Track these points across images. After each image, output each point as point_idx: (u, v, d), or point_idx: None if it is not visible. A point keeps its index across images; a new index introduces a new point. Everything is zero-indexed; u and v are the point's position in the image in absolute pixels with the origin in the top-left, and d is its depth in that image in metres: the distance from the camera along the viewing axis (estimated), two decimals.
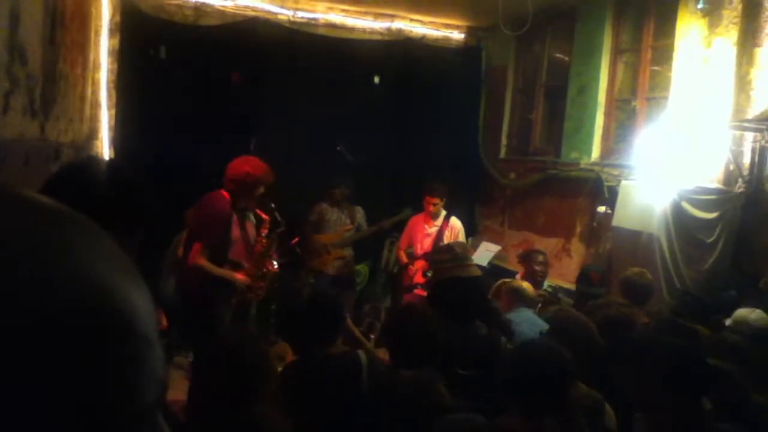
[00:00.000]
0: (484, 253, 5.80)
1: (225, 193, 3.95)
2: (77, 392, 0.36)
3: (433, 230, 5.53)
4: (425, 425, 1.99)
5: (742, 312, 3.45)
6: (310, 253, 5.70)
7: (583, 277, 4.13)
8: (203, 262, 3.80)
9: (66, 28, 4.11)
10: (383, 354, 2.92)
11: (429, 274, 5.40)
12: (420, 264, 5.48)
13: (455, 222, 5.61)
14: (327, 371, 2.37)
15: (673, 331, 2.73)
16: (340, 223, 5.71)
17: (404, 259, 5.59)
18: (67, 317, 0.36)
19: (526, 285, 3.95)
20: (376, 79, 6.90)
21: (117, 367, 0.38)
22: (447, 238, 5.48)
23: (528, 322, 3.38)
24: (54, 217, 0.40)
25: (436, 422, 1.99)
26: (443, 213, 5.55)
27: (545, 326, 3.17)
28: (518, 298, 3.75)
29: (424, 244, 5.52)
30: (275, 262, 4.60)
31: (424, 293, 5.37)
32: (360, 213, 5.85)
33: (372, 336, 5.57)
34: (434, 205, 5.43)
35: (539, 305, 4.78)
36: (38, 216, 0.39)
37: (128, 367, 0.38)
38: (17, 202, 0.40)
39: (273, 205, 4.22)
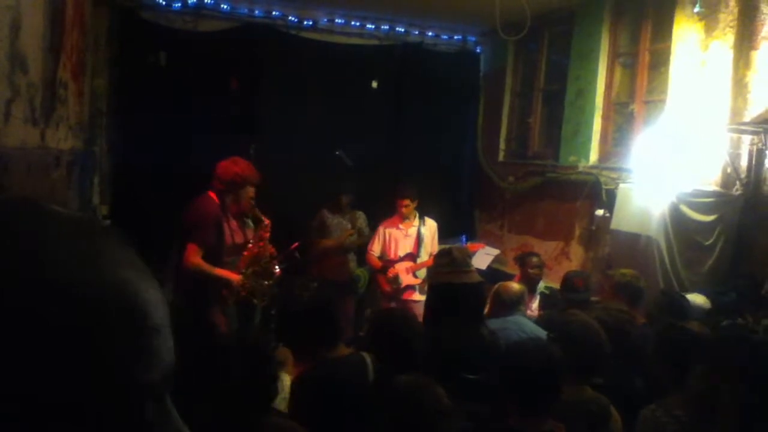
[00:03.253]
0: (483, 257, 5.81)
1: (213, 194, 4.02)
2: (106, 362, 0.45)
3: (412, 231, 5.56)
4: (426, 428, 2.00)
5: None
6: (312, 259, 5.70)
7: (567, 284, 4.11)
8: (198, 261, 3.84)
9: (66, 36, 4.12)
10: None
11: (419, 275, 5.45)
12: (405, 266, 5.50)
13: (431, 222, 5.66)
14: (340, 374, 2.38)
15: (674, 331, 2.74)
16: (341, 228, 5.71)
17: (379, 264, 5.60)
18: (95, 311, 0.45)
19: (513, 285, 3.70)
20: (375, 84, 6.92)
21: (133, 345, 0.46)
22: (427, 238, 5.56)
23: (512, 331, 3.16)
24: (85, 229, 0.49)
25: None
26: (416, 213, 5.59)
27: (536, 331, 3.14)
28: (497, 304, 3.50)
29: (405, 246, 5.56)
30: (277, 267, 4.60)
31: (415, 296, 5.42)
32: (362, 218, 5.86)
33: None
34: (406, 207, 5.47)
35: (536, 305, 4.77)
36: (72, 228, 0.48)
37: (142, 346, 0.47)
38: (56, 217, 0.48)
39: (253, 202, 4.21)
